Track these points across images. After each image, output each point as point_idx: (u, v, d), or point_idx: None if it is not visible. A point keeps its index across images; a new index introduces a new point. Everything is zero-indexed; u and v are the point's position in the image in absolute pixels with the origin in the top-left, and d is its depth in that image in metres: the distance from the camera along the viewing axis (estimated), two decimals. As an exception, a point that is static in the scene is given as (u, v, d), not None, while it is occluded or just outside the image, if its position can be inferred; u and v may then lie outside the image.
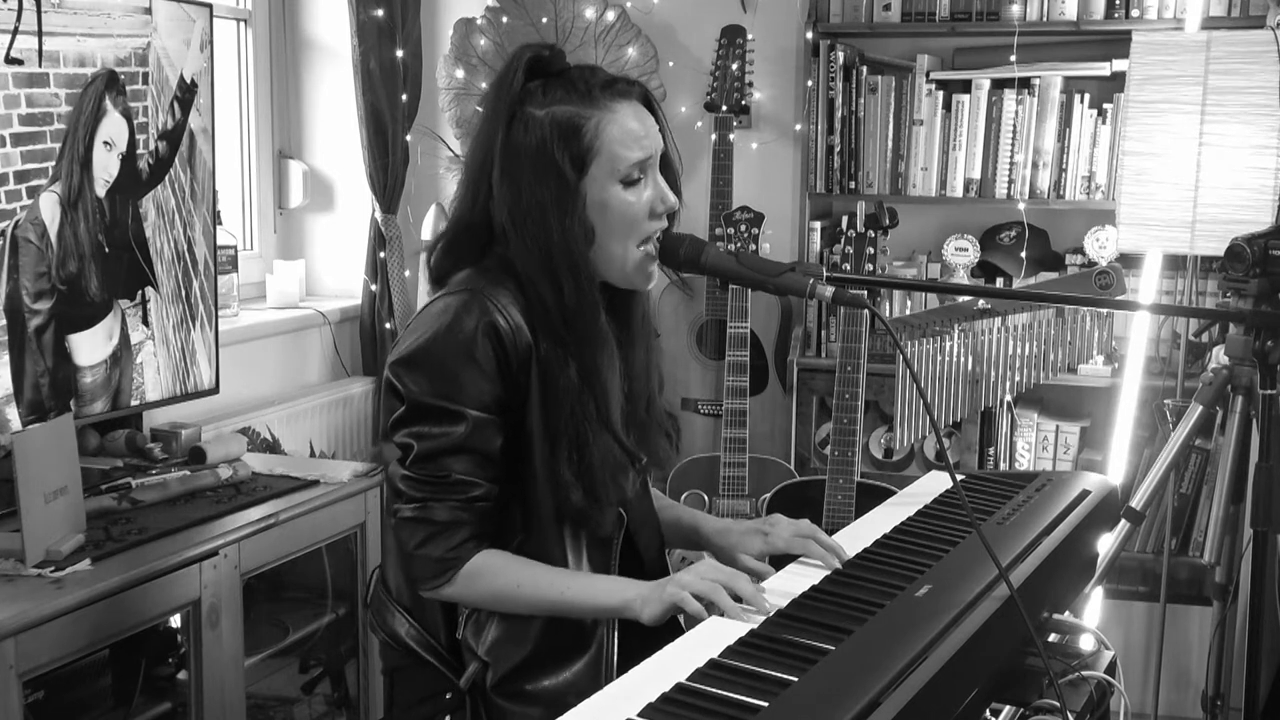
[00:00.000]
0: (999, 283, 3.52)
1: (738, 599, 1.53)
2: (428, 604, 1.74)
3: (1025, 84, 3.51)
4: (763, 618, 1.49)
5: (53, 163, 2.46)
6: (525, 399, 1.65)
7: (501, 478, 1.66)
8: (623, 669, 1.47)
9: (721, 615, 1.52)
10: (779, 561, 1.77)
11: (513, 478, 1.67)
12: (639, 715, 1.24)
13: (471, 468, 1.63)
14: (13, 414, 2.40)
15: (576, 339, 1.66)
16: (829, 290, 1.68)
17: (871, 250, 3.23)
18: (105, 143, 2.58)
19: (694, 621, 1.53)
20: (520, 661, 1.68)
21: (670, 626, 1.66)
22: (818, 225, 3.70)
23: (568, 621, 1.69)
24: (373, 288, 3.78)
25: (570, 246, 1.63)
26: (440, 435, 1.62)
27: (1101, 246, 3.42)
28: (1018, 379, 2.81)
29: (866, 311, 3.01)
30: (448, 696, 1.72)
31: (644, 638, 1.58)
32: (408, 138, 3.81)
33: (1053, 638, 1.83)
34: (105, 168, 2.58)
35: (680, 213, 1.74)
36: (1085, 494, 1.96)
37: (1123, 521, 2.61)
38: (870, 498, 2.94)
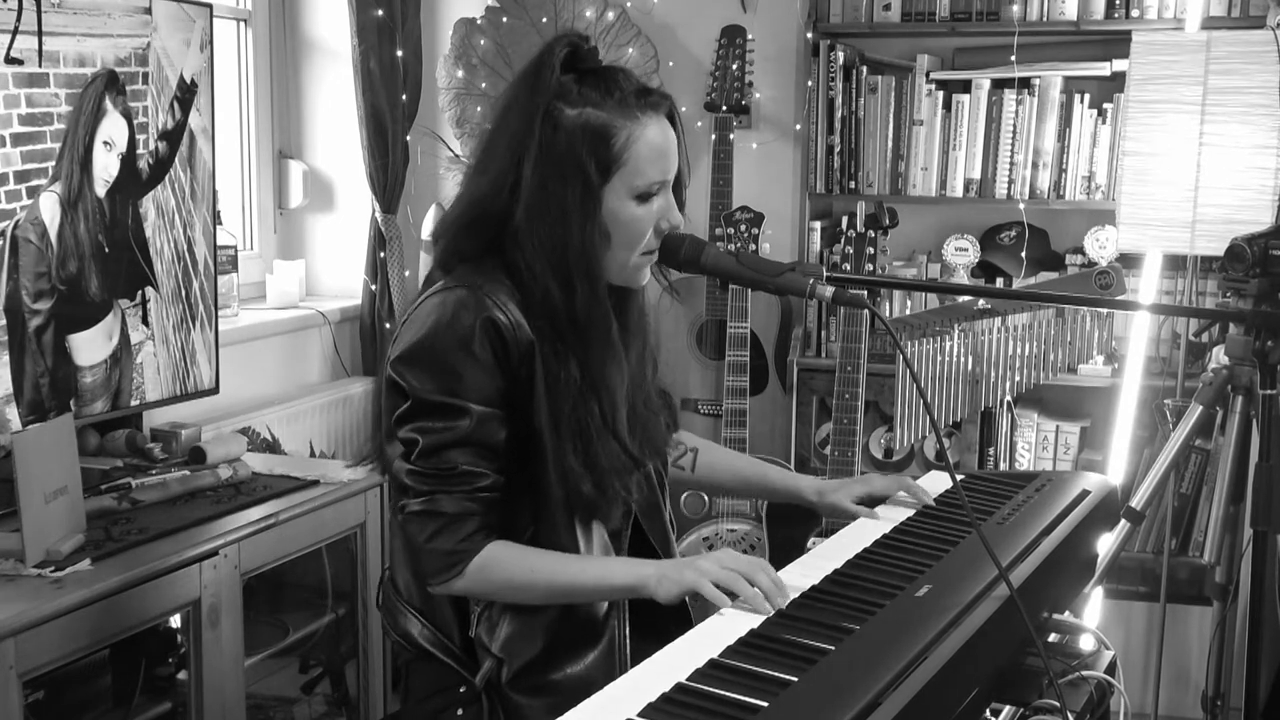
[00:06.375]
0: (999, 283, 3.52)
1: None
2: (439, 603, 1.74)
3: (1025, 84, 3.51)
4: (769, 614, 1.49)
5: (53, 163, 2.46)
6: (530, 393, 1.65)
7: (506, 470, 1.67)
8: (635, 659, 1.47)
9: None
10: (779, 563, 1.77)
11: (524, 473, 1.68)
12: (639, 715, 1.24)
13: (475, 459, 1.64)
14: (13, 414, 2.40)
15: (583, 343, 1.67)
16: (829, 290, 1.68)
17: (871, 250, 3.23)
18: (105, 143, 2.58)
19: (702, 611, 1.53)
20: (534, 656, 1.69)
21: (681, 616, 1.67)
22: (818, 225, 3.70)
23: (579, 614, 1.70)
24: (373, 288, 3.78)
25: (588, 250, 1.64)
26: (444, 429, 1.62)
27: (1101, 246, 3.42)
28: (1018, 379, 2.81)
29: (866, 311, 3.01)
30: (461, 690, 1.72)
31: (656, 628, 1.59)
32: (408, 138, 3.81)
33: (1053, 638, 1.83)
34: (105, 168, 2.58)
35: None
36: (1085, 494, 1.95)
37: (1123, 521, 2.61)
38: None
